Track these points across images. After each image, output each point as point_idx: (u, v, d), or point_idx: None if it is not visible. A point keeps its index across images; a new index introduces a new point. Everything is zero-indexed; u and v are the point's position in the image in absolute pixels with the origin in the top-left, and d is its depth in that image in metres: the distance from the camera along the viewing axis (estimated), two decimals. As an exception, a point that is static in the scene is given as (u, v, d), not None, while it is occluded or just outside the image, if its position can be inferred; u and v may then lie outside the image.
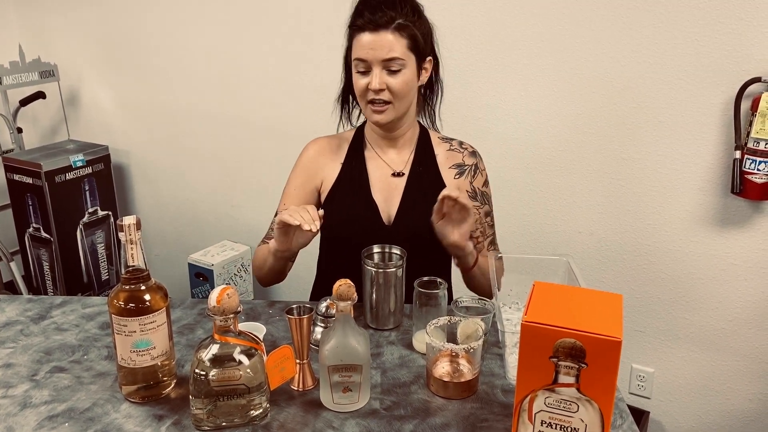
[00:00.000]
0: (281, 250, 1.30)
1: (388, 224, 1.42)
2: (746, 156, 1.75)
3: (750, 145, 1.74)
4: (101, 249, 2.87)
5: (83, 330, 1.28)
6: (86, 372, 1.14)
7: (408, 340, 1.24)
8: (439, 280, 1.22)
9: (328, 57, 2.21)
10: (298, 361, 1.08)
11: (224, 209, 2.83)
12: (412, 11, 1.31)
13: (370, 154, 1.46)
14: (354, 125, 1.51)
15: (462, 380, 1.06)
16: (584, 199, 2.06)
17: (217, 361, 0.96)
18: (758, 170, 1.73)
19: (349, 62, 1.37)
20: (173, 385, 1.08)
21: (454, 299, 1.23)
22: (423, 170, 1.44)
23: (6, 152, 2.83)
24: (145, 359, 1.03)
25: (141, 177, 3.02)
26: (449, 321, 1.14)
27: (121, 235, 1.00)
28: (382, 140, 1.45)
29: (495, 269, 1.20)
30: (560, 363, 0.82)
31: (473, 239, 1.48)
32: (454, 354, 1.09)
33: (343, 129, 1.52)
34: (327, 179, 1.46)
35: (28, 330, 1.28)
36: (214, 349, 0.96)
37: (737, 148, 1.77)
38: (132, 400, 1.05)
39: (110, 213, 2.88)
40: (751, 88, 1.73)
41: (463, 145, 1.48)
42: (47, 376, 1.13)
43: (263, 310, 1.36)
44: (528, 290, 0.90)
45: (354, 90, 1.37)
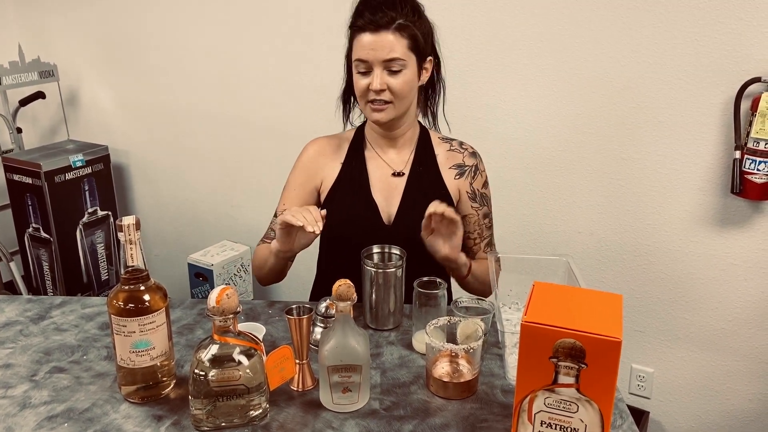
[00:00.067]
0: (283, 251, 1.30)
1: (388, 224, 1.41)
2: (746, 156, 1.75)
3: (750, 145, 1.74)
4: (101, 249, 2.87)
5: (83, 330, 1.28)
6: (85, 372, 1.14)
7: (408, 341, 1.24)
8: (439, 281, 1.22)
9: (328, 57, 2.21)
10: (298, 362, 1.08)
11: (224, 209, 2.83)
12: (413, 11, 1.31)
13: (371, 154, 1.46)
14: (354, 125, 1.51)
15: (462, 380, 1.06)
16: (584, 199, 2.06)
17: (217, 362, 0.96)
18: (758, 170, 1.73)
19: (350, 62, 1.37)
20: (172, 386, 1.08)
21: (454, 299, 1.23)
22: (423, 170, 1.44)
23: (6, 152, 2.83)
24: (145, 359, 1.03)
25: (141, 177, 3.02)
26: (449, 321, 1.14)
27: (121, 236, 1.00)
28: (383, 140, 1.45)
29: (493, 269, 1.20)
30: (560, 363, 0.82)
31: (470, 240, 1.48)
32: (454, 354, 1.08)
33: (345, 128, 1.52)
34: (327, 179, 1.46)
35: (28, 330, 1.28)
36: (214, 350, 0.96)
37: (737, 148, 1.77)
38: (131, 401, 1.05)
39: (110, 213, 2.88)
40: (751, 88, 1.73)
41: (464, 146, 1.48)
42: (46, 377, 1.12)
43: (263, 311, 1.36)
44: (528, 290, 0.90)
45: (354, 90, 1.37)
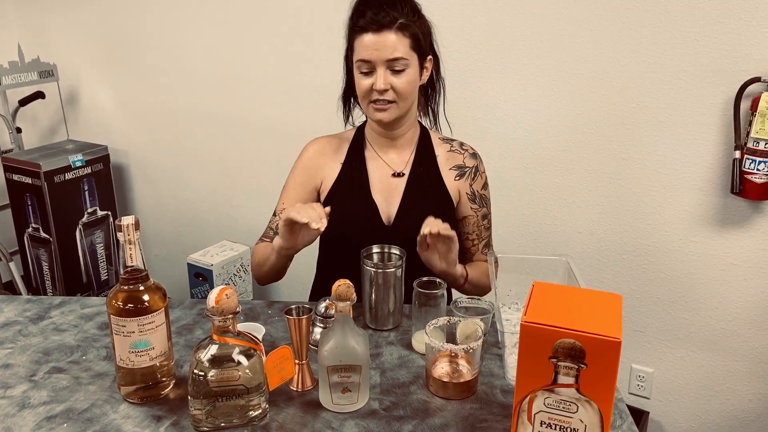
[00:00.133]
0: (286, 248, 1.29)
1: (388, 224, 1.41)
2: (746, 156, 1.75)
3: (750, 145, 1.74)
4: (100, 249, 2.87)
5: (82, 330, 1.28)
6: (85, 372, 1.14)
7: (407, 341, 1.24)
8: (439, 281, 1.22)
9: (328, 57, 2.21)
10: (297, 362, 1.08)
11: (224, 209, 2.83)
12: (413, 11, 1.31)
13: (371, 154, 1.46)
14: (355, 125, 1.51)
15: (461, 380, 1.06)
16: (584, 199, 2.06)
17: (216, 362, 0.95)
18: (758, 170, 1.73)
19: (350, 63, 1.37)
20: (172, 386, 1.08)
21: (454, 299, 1.23)
22: (423, 171, 1.44)
23: (5, 152, 2.83)
24: (144, 360, 1.03)
25: (140, 177, 3.02)
26: (448, 321, 1.13)
27: (120, 236, 1.00)
28: (383, 140, 1.45)
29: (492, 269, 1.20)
30: (560, 363, 0.82)
31: (468, 241, 1.48)
32: (454, 354, 1.08)
33: (346, 127, 1.52)
34: (327, 179, 1.46)
35: (27, 330, 1.28)
36: (213, 350, 0.96)
37: (737, 148, 1.77)
38: (131, 401, 1.05)
39: (109, 213, 2.88)
40: (751, 88, 1.73)
41: (464, 147, 1.48)
42: (46, 377, 1.12)
43: (262, 311, 1.36)
44: (527, 290, 0.90)
45: (355, 90, 1.36)
